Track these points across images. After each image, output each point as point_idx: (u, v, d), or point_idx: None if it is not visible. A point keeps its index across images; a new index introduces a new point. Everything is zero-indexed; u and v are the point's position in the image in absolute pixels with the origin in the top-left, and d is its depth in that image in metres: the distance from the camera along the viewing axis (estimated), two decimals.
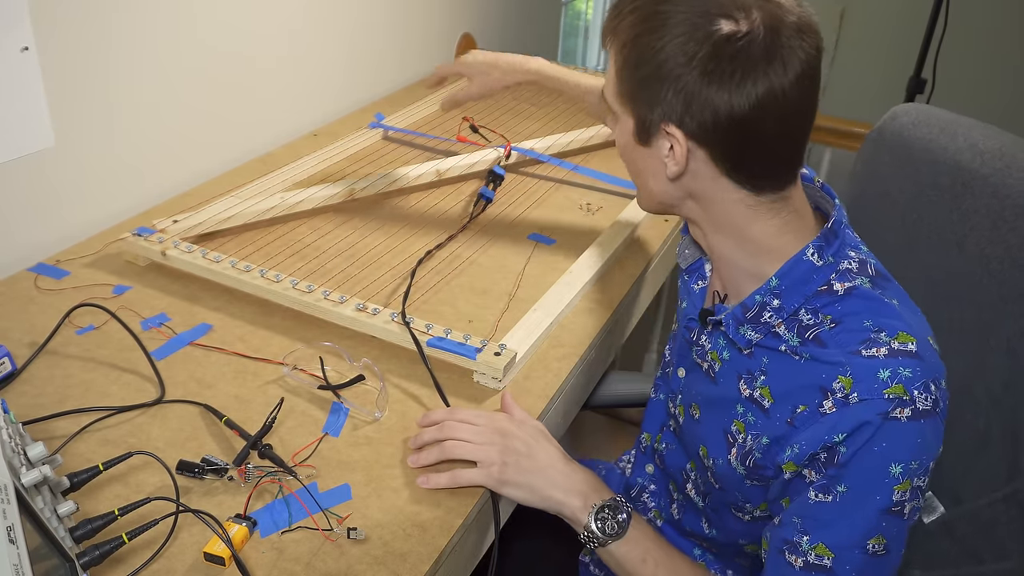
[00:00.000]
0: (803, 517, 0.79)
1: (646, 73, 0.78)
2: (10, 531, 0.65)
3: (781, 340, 0.82)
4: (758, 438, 0.84)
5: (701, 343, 0.92)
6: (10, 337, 1.08)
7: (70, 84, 1.26)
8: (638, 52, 0.79)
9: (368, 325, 1.12)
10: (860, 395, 0.75)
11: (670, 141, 0.80)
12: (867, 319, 0.78)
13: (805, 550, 0.79)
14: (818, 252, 0.81)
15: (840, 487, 0.76)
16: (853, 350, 0.77)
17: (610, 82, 0.84)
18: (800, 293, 0.81)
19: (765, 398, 0.83)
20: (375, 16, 1.91)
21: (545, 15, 2.85)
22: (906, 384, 0.74)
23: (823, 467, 0.77)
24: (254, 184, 1.45)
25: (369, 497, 0.89)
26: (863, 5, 3.51)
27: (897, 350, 0.75)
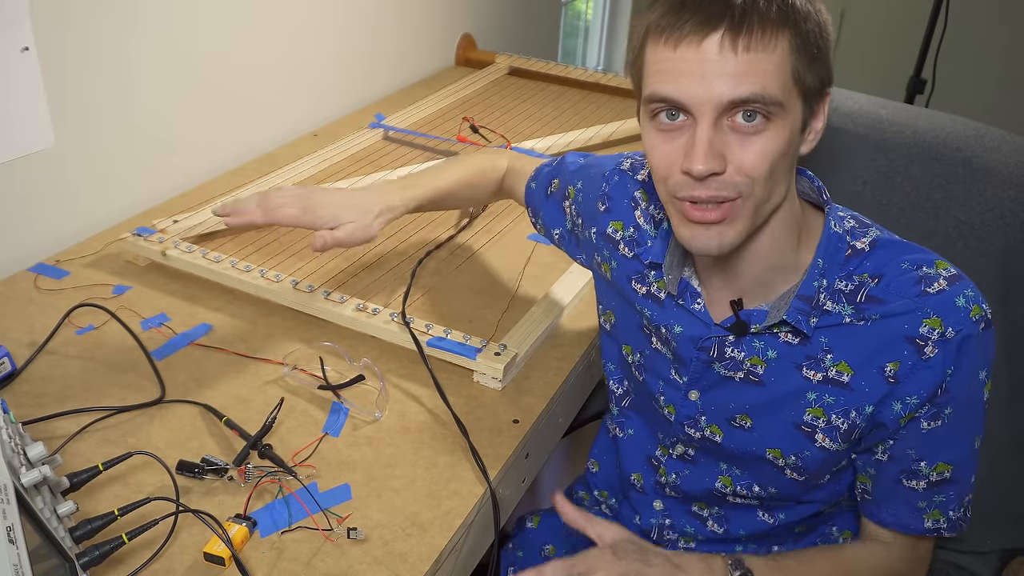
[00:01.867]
0: (917, 447, 0.83)
1: (820, 39, 0.75)
2: (10, 531, 0.65)
3: (834, 315, 0.82)
4: (850, 412, 0.83)
5: (728, 356, 0.87)
6: (10, 337, 1.08)
7: (70, 84, 1.26)
8: (814, 20, 0.75)
9: (368, 325, 1.12)
10: (954, 327, 0.78)
11: (820, 107, 0.79)
12: (902, 261, 0.81)
13: (926, 473, 0.84)
14: (836, 222, 0.83)
15: (948, 410, 0.81)
16: (919, 293, 0.79)
17: (776, 74, 0.73)
18: (836, 265, 0.82)
19: (844, 373, 0.82)
20: (375, 16, 1.91)
21: (545, 15, 2.85)
22: (978, 303, 0.79)
23: (935, 399, 0.80)
24: (254, 184, 1.45)
25: (369, 497, 0.89)
26: (863, 5, 3.51)
27: (950, 277, 0.80)
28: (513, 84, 2.08)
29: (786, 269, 0.84)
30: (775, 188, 0.77)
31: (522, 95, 1.99)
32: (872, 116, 1.14)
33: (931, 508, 0.85)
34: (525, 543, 1.14)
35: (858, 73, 3.51)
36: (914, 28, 2.88)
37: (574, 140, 1.68)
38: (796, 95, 0.75)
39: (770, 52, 0.72)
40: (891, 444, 0.84)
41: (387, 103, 1.93)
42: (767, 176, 0.75)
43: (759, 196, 0.76)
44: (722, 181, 0.75)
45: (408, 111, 1.82)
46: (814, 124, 0.79)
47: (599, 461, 1.11)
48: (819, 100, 0.78)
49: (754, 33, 0.71)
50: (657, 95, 0.75)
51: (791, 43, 0.73)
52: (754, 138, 0.74)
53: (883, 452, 0.85)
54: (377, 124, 1.74)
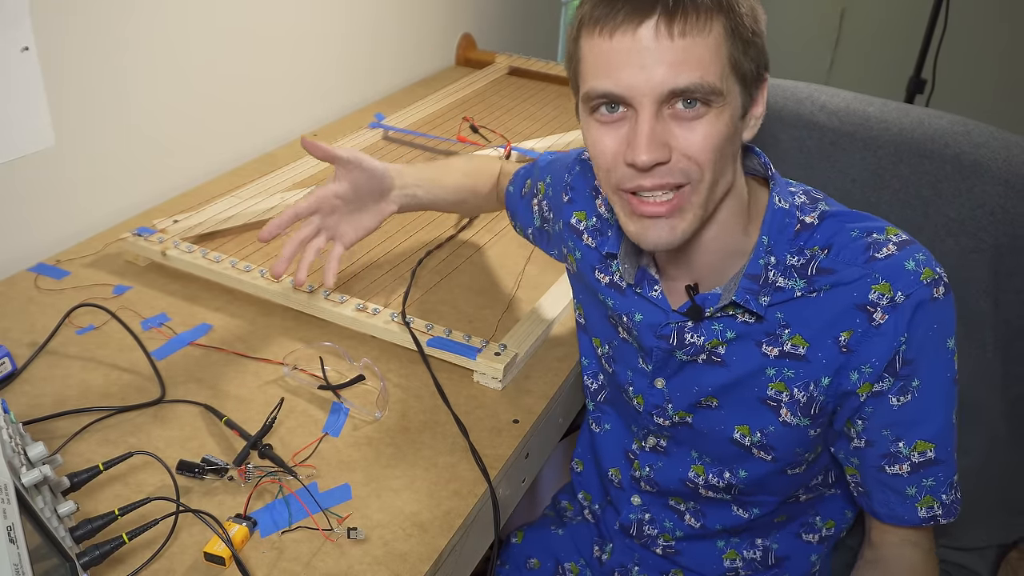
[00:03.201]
0: (890, 426, 0.82)
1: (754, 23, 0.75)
2: (10, 531, 0.65)
3: (786, 291, 0.82)
4: (809, 385, 0.83)
5: (688, 341, 0.88)
6: (10, 337, 1.08)
7: (70, 84, 1.26)
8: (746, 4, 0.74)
9: (368, 325, 1.12)
10: (904, 291, 0.77)
11: (759, 94, 0.79)
12: (851, 230, 0.81)
13: (906, 454, 0.82)
14: (780, 196, 0.83)
15: (915, 383, 0.80)
16: (867, 259, 0.79)
17: (716, 63, 0.72)
18: (785, 240, 0.82)
19: (799, 346, 0.82)
20: (375, 17, 1.91)
21: (545, 15, 2.85)
22: (929, 266, 0.78)
23: (896, 371, 0.79)
24: (254, 184, 1.45)
25: (369, 497, 0.89)
26: (863, 5, 3.51)
27: (900, 242, 0.79)
28: (513, 84, 2.08)
29: (736, 253, 0.84)
30: (722, 174, 0.78)
31: (522, 95, 1.99)
32: (860, 114, 1.14)
33: (922, 494, 0.84)
34: (510, 558, 1.15)
35: (858, 73, 3.51)
36: (914, 28, 2.88)
37: (574, 140, 1.68)
38: (734, 81, 0.75)
39: (705, 36, 0.72)
40: (862, 425, 0.83)
41: (387, 103, 1.93)
42: (713, 161, 0.75)
43: (707, 182, 0.76)
44: (667, 168, 0.75)
45: (408, 111, 1.82)
46: (754, 110, 0.79)
47: (583, 460, 1.12)
48: (757, 86, 0.78)
49: (689, 17, 0.71)
50: (596, 91, 0.75)
51: (725, 27, 0.73)
52: (695, 124, 0.74)
53: (858, 437, 0.84)
54: (377, 124, 1.74)
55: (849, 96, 1.17)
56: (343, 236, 1.08)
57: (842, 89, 1.19)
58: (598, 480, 1.09)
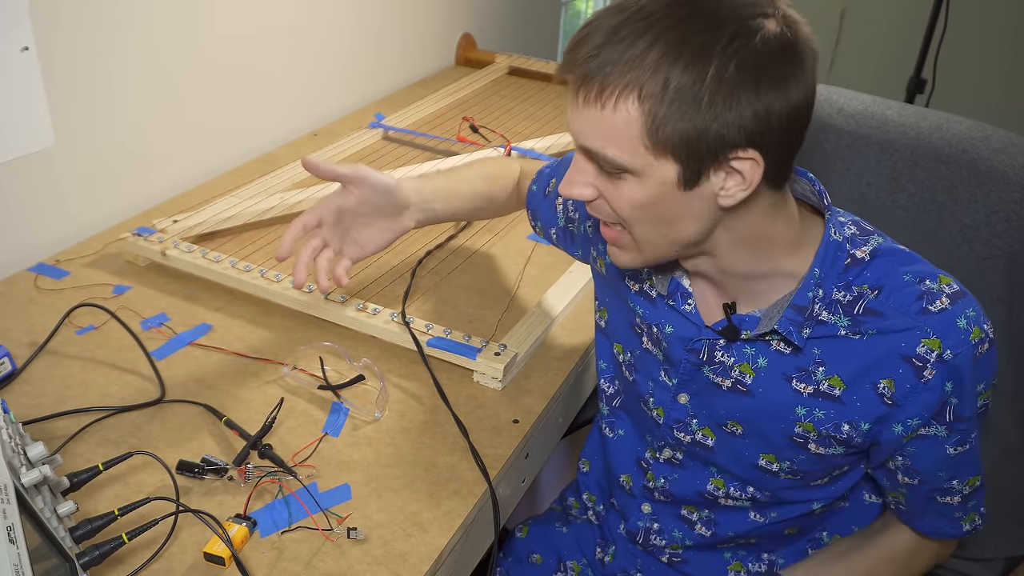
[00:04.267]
0: (947, 468, 0.84)
1: (705, 109, 0.68)
2: (10, 531, 0.65)
3: (829, 326, 0.80)
4: (841, 426, 0.82)
5: (718, 360, 0.86)
6: (10, 337, 1.08)
7: (70, 84, 1.26)
8: (684, 91, 0.68)
9: (368, 325, 1.12)
10: (953, 350, 0.77)
11: (735, 168, 0.72)
12: (904, 273, 0.79)
13: (959, 489, 0.86)
14: (836, 229, 0.81)
15: (972, 435, 0.83)
16: (919, 309, 0.78)
17: (625, 138, 0.71)
18: (834, 274, 0.80)
19: (836, 387, 0.81)
20: (375, 16, 1.91)
21: (545, 15, 2.85)
22: (979, 324, 0.78)
23: (938, 421, 0.81)
24: (254, 184, 1.45)
25: (369, 497, 0.89)
26: (863, 5, 3.51)
27: (953, 294, 0.78)
28: (513, 84, 2.08)
29: (776, 277, 0.82)
30: (665, 232, 0.77)
31: (522, 95, 1.99)
32: (877, 117, 1.13)
33: (967, 513, 0.89)
34: (513, 551, 1.15)
35: (858, 73, 3.51)
36: (914, 28, 2.88)
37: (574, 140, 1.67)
38: (667, 158, 0.71)
39: (609, 112, 0.70)
40: (905, 462, 0.84)
41: (387, 103, 1.93)
42: (640, 220, 0.76)
43: (639, 235, 0.78)
44: (596, 208, 0.79)
45: (408, 111, 1.82)
46: (731, 184, 0.73)
47: (590, 461, 1.11)
48: (715, 162, 0.71)
49: (592, 91, 0.70)
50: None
51: (643, 110, 0.69)
52: (618, 183, 0.75)
53: (906, 473, 0.85)
54: (377, 124, 1.74)
55: (867, 99, 1.16)
56: (349, 251, 1.04)
57: (860, 92, 1.17)
58: (605, 483, 1.08)
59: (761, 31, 0.69)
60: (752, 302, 0.84)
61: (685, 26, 0.68)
